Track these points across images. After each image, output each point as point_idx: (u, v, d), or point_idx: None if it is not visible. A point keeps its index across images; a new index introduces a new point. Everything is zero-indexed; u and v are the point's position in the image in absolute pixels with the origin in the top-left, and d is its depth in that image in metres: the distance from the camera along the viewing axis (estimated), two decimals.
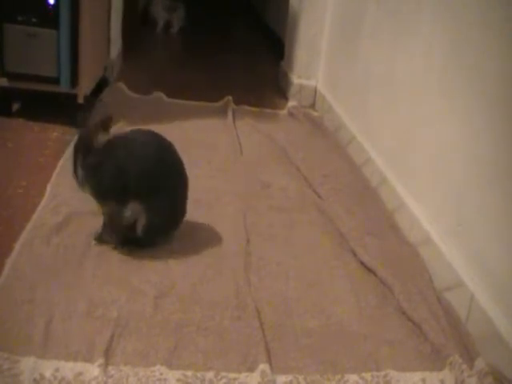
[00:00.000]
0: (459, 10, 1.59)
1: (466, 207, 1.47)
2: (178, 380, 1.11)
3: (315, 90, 2.88)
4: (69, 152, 1.98)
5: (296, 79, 2.91)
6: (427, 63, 1.75)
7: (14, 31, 2.05)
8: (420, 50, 1.80)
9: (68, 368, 1.10)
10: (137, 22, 3.92)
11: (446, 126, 1.61)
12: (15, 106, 2.28)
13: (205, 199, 1.81)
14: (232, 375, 1.14)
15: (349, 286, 1.47)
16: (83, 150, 1.41)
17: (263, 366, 1.15)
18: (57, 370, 1.09)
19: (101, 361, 1.11)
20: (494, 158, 1.37)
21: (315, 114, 2.78)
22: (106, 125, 1.41)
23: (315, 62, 2.88)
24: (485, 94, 1.43)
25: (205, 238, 1.60)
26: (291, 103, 2.82)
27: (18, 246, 1.44)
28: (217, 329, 1.26)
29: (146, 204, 1.42)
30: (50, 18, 2.05)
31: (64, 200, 1.67)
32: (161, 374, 1.12)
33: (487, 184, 1.39)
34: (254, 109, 2.71)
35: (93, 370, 1.10)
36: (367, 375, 1.19)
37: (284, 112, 2.75)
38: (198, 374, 1.13)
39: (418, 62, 1.81)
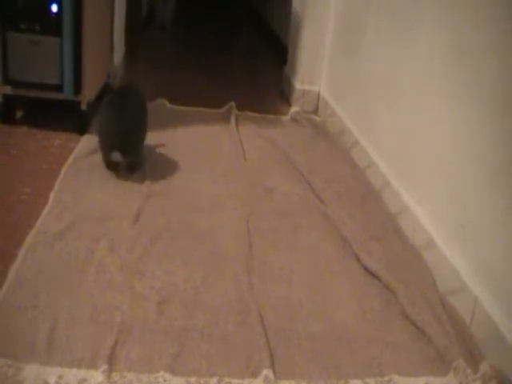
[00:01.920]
0: (458, 16, 1.59)
1: (469, 210, 1.47)
2: None
3: (318, 96, 2.89)
4: (72, 157, 1.99)
5: (299, 85, 2.91)
6: (428, 67, 1.75)
7: (17, 39, 2.06)
8: (421, 55, 1.81)
9: (72, 375, 1.10)
10: (139, 27, 3.94)
11: (448, 129, 1.61)
12: (19, 114, 2.29)
13: (208, 204, 1.81)
14: (235, 381, 1.14)
15: (352, 291, 1.47)
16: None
17: (267, 372, 1.15)
18: (60, 376, 1.09)
19: (104, 367, 1.11)
20: (497, 162, 1.37)
21: (317, 119, 2.79)
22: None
23: (318, 67, 2.88)
24: (486, 96, 1.43)
25: (207, 243, 1.60)
26: (294, 108, 2.82)
27: (21, 252, 1.44)
28: (220, 334, 1.26)
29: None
30: (53, 25, 2.06)
31: (67, 206, 1.68)
32: (164, 381, 1.12)
33: (490, 187, 1.39)
34: (256, 114, 2.72)
35: (97, 377, 1.10)
36: (371, 380, 1.18)
37: (287, 117, 2.76)
38: (202, 380, 1.13)
39: (420, 67, 1.81)
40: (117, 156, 1.89)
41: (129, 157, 1.92)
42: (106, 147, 1.92)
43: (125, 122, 1.88)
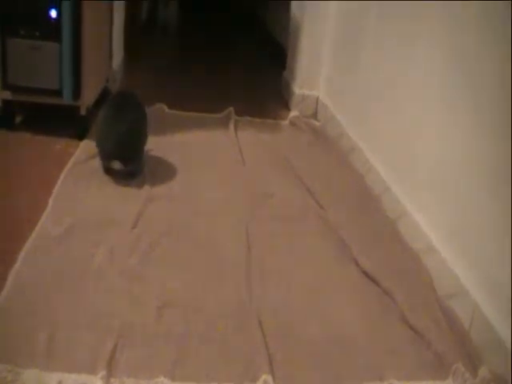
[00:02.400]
0: (458, 20, 1.60)
1: (468, 215, 1.47)
2: None
3: (317, 100, 2.89)
4: (72, 162, 2.00)
5: (298, 89, 2.91)
6: (428, 73, 1.76)
7: (16, 44, 2.07)
8: (421, 60, 1.81)
9: (71, 380, 1.10)
10: (139, 31, 3.94)
11: (447, 134, 1.61)
12: (18, 119, 2.29)
13: (207, 209, 1.81)
14: None
15: (351, 295, 1.47)
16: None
17: (266, 377, 1.15)
18: (60, 381, 1.09)
19: (103, 372, 1.11)
20: (496, 166, 1.37)
21: (317, 123, 2.79)
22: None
23: (317, 72, 2.88)
24: (485, 103, 1.43)
25: (207, 248, 1.60)
26: (293, 113, 2.83)
27: (20, 258, 1.44)
28: (219, 339, 1.26)
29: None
30: (52, 31, 2.06)
31: (66, 211, 1.68)
32: None
33: (489, 192, 1.39)
34: (256, 119, 2.72)
35: (96, 382, 1.10)
36: None
37: (286, 122, 2.76)
38: None
39: (419, 72, 1.82)
40: (117, 164, 1.89)
41: (129, 165, 1.91)
42: (105, 156, 1.91)
43: (124, 131, 1.87)
